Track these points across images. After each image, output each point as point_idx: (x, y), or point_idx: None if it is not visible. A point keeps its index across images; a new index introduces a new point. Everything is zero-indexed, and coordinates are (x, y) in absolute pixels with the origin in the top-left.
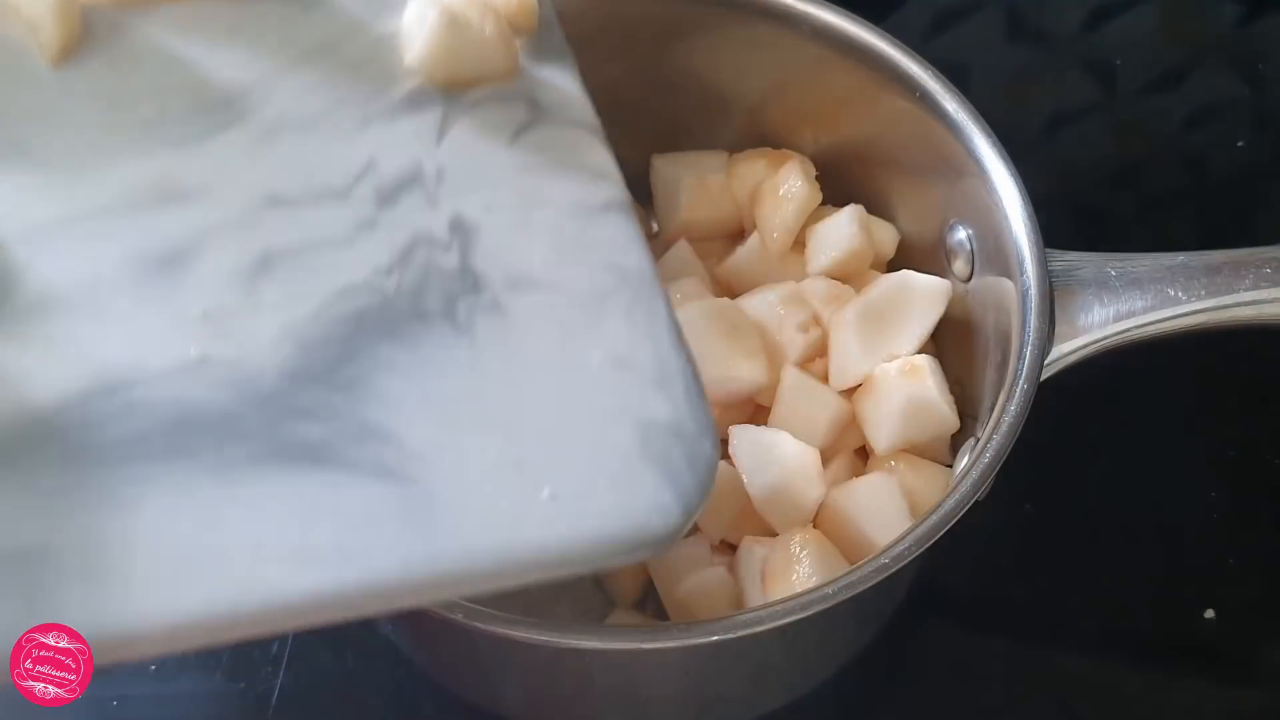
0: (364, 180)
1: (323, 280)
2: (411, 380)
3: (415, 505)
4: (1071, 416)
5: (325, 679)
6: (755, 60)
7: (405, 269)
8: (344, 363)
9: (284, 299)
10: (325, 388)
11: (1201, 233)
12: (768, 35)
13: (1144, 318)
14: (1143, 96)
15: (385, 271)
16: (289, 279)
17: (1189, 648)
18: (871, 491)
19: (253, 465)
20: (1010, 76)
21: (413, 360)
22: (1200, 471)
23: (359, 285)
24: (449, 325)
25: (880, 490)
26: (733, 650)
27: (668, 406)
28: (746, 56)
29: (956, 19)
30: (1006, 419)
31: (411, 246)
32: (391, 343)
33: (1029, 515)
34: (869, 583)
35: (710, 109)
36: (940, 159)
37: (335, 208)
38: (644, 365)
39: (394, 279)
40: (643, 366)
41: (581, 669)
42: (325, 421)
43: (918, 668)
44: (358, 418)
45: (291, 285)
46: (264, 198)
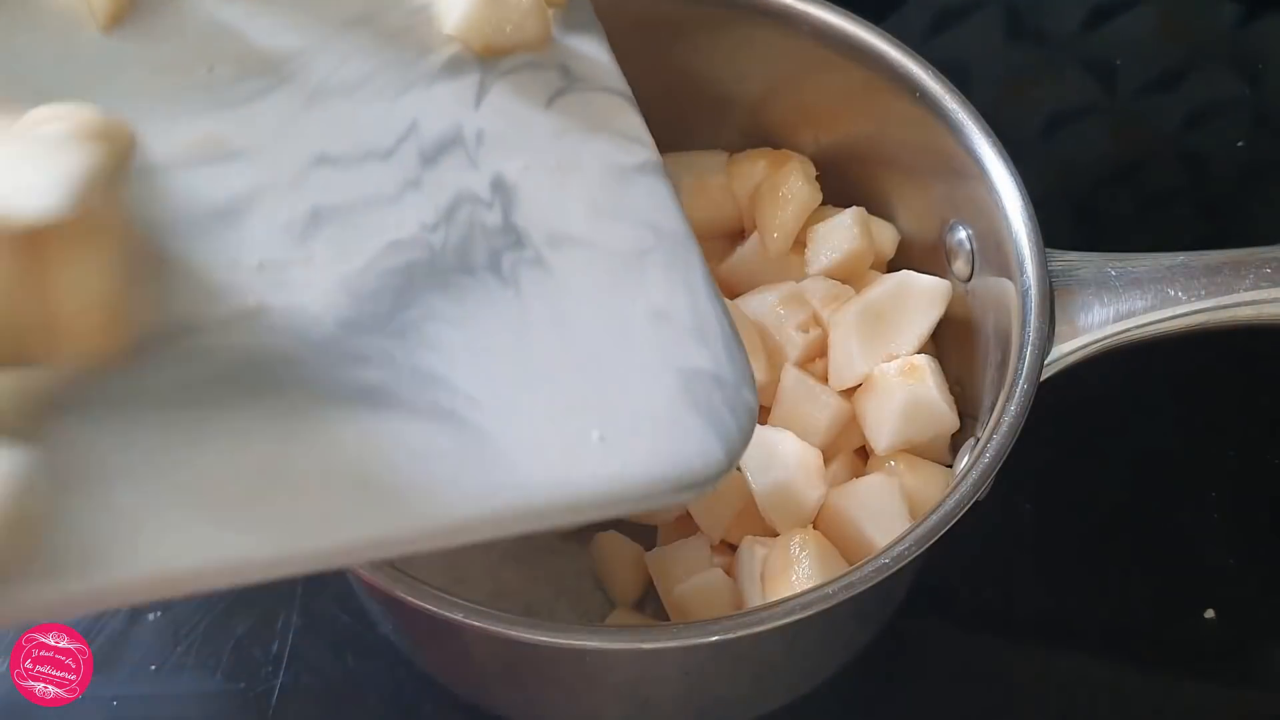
0: (407, 141)
1: (372, 235)
2: (462, 329)
3: (472, 444)
4: (1071, 416)
5: (325, 679)
6: (755, 60)
7: (450, 225)
8: (397, 312)
9: (335, 253)
10: (380, 335)
11: (1201, 232)
12: (768, 35)
13: (1144, 318)
14: (1142, 96)
15: (431, 228)
16: (339, 234)
17: (1189, 648)
18: (871, 492)
19: (314, 406)
20: (1010, 76)
21: (462, 311)
22: (1200, 471)
23: (407, 241)
24: (495, 278)
25: (880, 491)
26: (733, 650)
27: (707, 356)
28: (747, 56)
29: (956, 19)
30: (1006, 419)
31: (455, 204)
32: (441, 294)
33: (1029, 515)
34: (869, 583)
35: (710, 109)
36: (940, 159)
37: (380, 167)
38: (683, 318)
39: (440, 234)
40: (682, 319)
41: (581, 669)
42: (381, 367)
43: (918, 668)
44: (412, 363)
45: (342, 240)
46: (312, 157)
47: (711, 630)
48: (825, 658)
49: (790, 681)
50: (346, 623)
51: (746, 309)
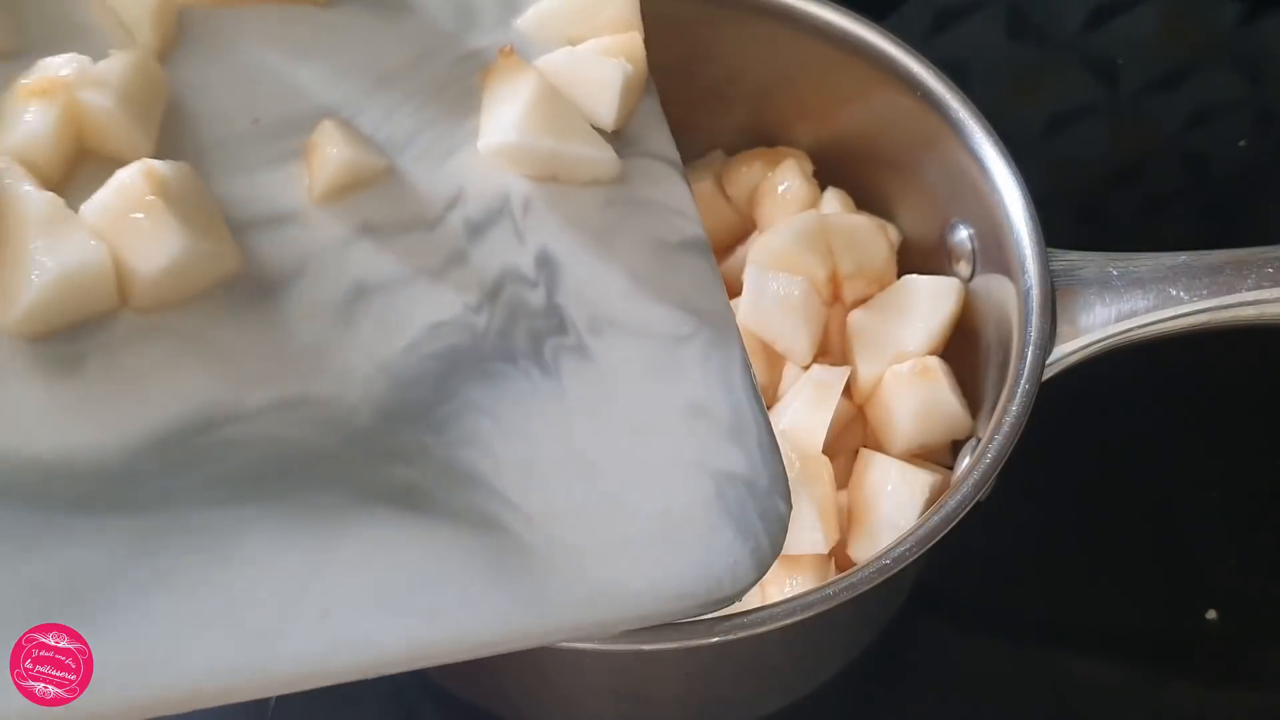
0: (453, 211)
1: (415, 315)
2: (501, 423)
3: (506, 554)
4: (1072, 417)
5: None
6: (755, 58)
7: (494, 306)
8: (437, 403)
9: (378, 333)
10: (418, 428)
11: (1203, 232)
12: (768, 32)
13: (1146, 318)
14: (1144, 96)
15: (475, 308)
16: (382, 313)
17: (1189, 648)
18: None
19: (346, 508)
20: (1012, 75)
21: (502, 402)
22: (1200, 471)
23: (450, 322)
24: (537, 367)
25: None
26: (733, 651)
27: (743, 459)
28: (747, 54)
29: (958, 18)
30: (1008, 419)
31: (500, 282)
32: (482, 383)
33: (1029, 515)
34: (869, 584)
35: (710, 107)
36: (941, 158)
37: (426, 239)
38: (721, 415)
39: (484, 316)
40: (720, 416)
41: (581, 669)
42: (417, 464)
43: (919, 669)
44: (449, 460)
45: (385, 319)
46: (356, 225)
47: (712, 631)
48: (826, 659)
49: (792, 683)
50: None
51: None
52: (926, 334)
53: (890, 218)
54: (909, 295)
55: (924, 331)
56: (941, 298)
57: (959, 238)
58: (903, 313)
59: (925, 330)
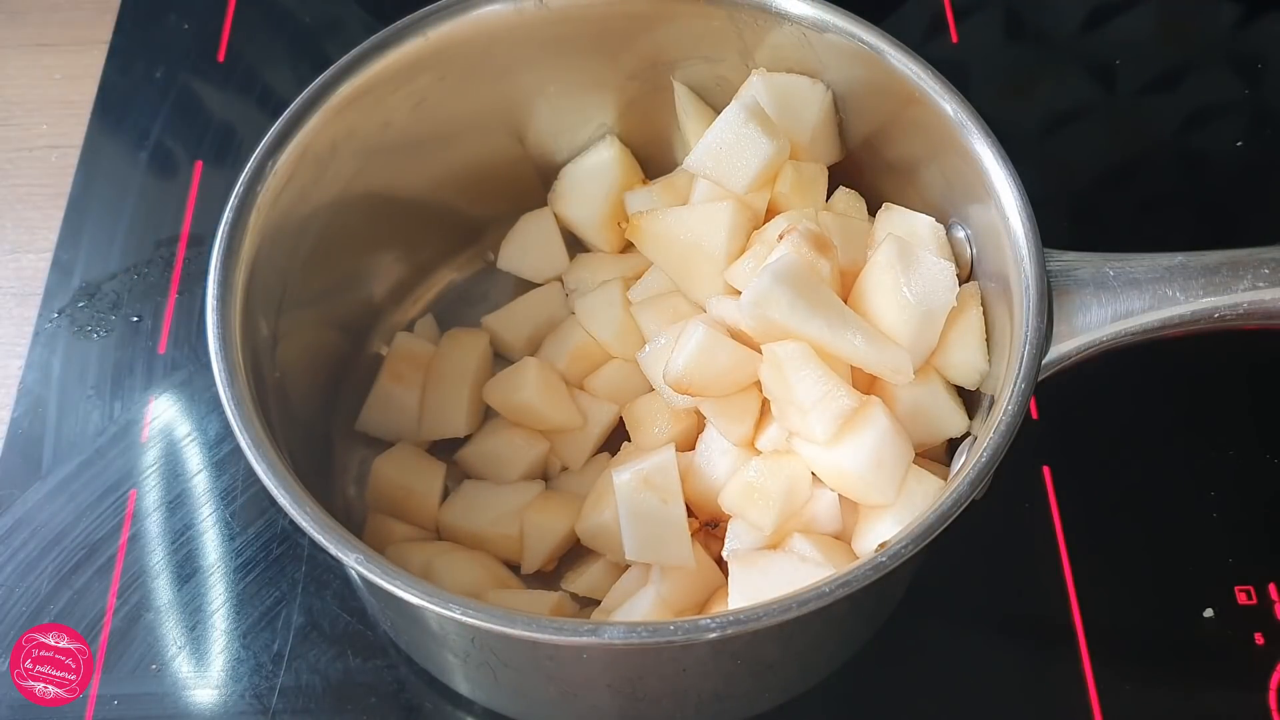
0: None
1: None
2: None
3: None
4: (1070, 417)
5: (325, 679)
6: (756, 58)
7: None
8: None
9: None
10: None
11: (1200, 233)
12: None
13: (1142, 318)
14: (1142, 96)
15: None
16: None
17: (1189, 648)
18: None
19: None
20: (1010, 76)
21: None
22: (1200, 471)
23: None
24: None
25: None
26: (731, 647)
27: None
28: None
29: (957, 18)
30: (1004, 419)
31: None
32: None
33: (1028, 515)
34: (865, 581)
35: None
36: (939, 158)
37: None
38: None
39: None
40: None
41: (580, 665)
42: None
43: (915, 666)
44: None
45: None
46: None
47: (710, 627)
48: (824, 656)
49: (789, 679)
50: (347, 623)
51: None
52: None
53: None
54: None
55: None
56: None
57: (956, 237)
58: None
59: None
